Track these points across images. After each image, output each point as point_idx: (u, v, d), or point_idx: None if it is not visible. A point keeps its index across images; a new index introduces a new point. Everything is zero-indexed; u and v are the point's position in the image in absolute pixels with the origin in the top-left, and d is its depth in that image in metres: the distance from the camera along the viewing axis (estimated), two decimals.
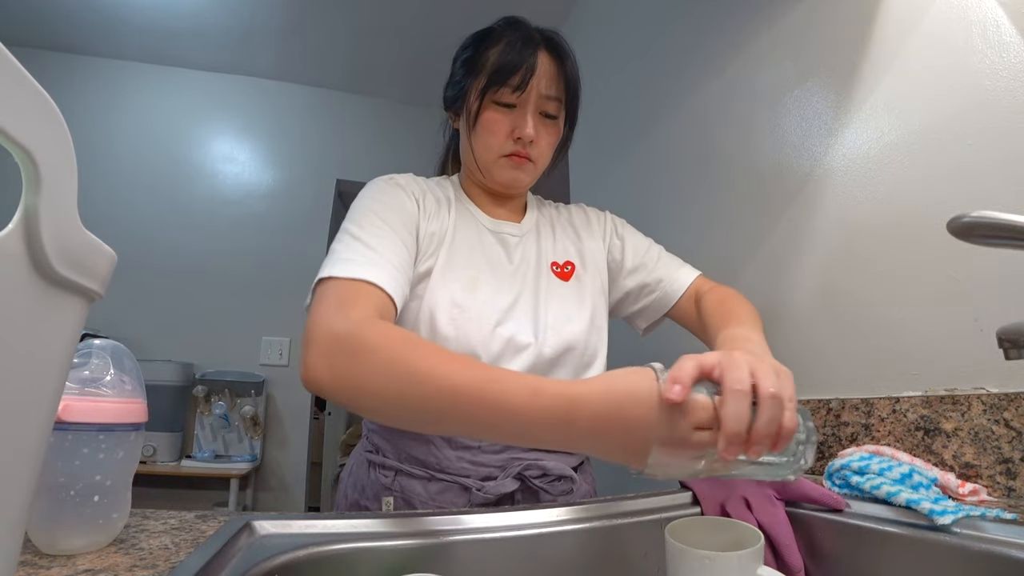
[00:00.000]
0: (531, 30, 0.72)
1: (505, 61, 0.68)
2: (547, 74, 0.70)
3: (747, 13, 1.10)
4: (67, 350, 0.27)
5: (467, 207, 0.78)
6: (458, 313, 0.67)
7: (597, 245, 0.84)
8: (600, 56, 1.76)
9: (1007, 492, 0.59)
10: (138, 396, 0.43)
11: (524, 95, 0.70)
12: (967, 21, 0.69)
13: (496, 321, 0.69)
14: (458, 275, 0.70)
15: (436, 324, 0.66)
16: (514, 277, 0.74)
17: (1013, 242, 0.37)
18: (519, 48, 0.69)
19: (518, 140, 0.71)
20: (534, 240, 0.80)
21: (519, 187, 0.77)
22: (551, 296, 0.74)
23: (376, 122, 2.82)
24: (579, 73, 0.74)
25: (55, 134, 0.23)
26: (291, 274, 2.47)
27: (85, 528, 0.39)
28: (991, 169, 0.66)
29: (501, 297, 0.71)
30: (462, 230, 0.74)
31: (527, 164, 0.73)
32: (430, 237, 0.70)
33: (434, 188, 0.77)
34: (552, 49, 0.72)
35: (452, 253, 0.71)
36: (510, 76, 0.68)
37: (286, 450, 2.41)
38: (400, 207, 0.68)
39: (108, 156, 2.44)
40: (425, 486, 0.66)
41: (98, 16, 2.24)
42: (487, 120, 0.71)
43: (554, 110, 0.73)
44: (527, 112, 0.70)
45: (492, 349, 0.67)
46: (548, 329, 0.71)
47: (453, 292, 0.68)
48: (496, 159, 0.73)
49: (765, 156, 1.03)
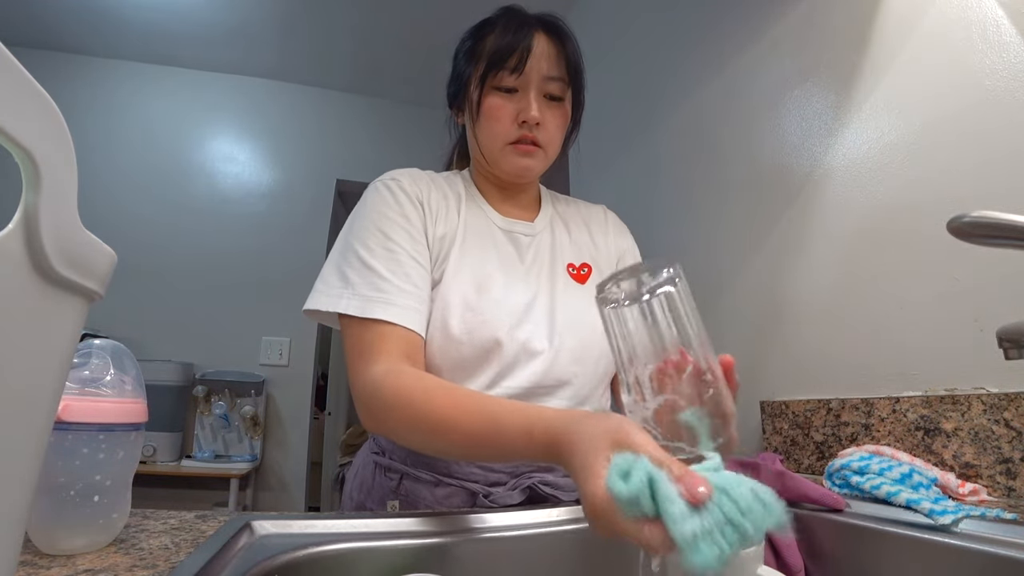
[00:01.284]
0: (527, 15, 0.71)
1: (501, 44, 0.67)
2: (547, 55, 0.68)
3: (747, 12, 1.10)
4: (67, 350, 0.27)
5: (478, 203, 0.76)
6: (471, 316, 0.65)
7: (609, 253, 0.81)
8: (600, 55, 1.76)
9: (1007, 492, 0.59)
10: (138, 396, 0.43)
11: (524, 77, 0.68)
12: (967, 21, 0.69)
13: (510, 324, 0.66)
14: (469, 275, 0.68)
15: (448, 327, 0.64)
16: (527, 277, 0.72)
17: (1013, 242, 0.37)
18: (514, 30, 0.67)
19: (523, 124, 0.68)
20: (548, 240, 0.77)
21: (529, 176, 0.74)
22: (567, 299, 0.72)
23: (376, 122, 2.82)
24: (581, 55, 0.72)
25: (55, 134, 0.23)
26: (291, 274, 2.47)
27: (85, 528, 0.39)
28: (991, 169, 0.66)
29: (514, 298, 0.69)
30: (473, 228, 0.72)
31: (536, 151, 0.71)
32: (440, 240, 0.69)
33: (441, 184, 0.75)
34: (550, 30, 0.70)
35: (463, 253, 0.69)
36: (507, 58, 0.66)
37: (286, 450, 2.41)
38: (406, 219, 0.67)
39: (108, 156, 2.44)
40: (431, 491, 0.65)
41: (98, 16, 2.25)
42: (490, 107, 0.69)
43: (559, 91, 0.70)
44: (530, 95, 0.68)
45: (506, 354, 0.65)
46: (564, 334, 0.68)
47: (465, 293, 0.66)
48: (503, 147, 0.70)
49: (765, 156, 1.03)
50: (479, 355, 0.64)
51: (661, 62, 1.44)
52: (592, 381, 0.70)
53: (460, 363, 0.64)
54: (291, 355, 2.47)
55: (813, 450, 0.84)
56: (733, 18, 1.15)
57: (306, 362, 2.50)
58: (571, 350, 0.68)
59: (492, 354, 0.64)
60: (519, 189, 0.78)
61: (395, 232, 0.65)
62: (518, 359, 0.66)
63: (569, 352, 0.68)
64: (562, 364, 0.67)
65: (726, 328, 1.10)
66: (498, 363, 0.65)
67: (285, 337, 2.47)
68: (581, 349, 0.68)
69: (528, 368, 0.66)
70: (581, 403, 0.69)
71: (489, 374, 0.64)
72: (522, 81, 0.68)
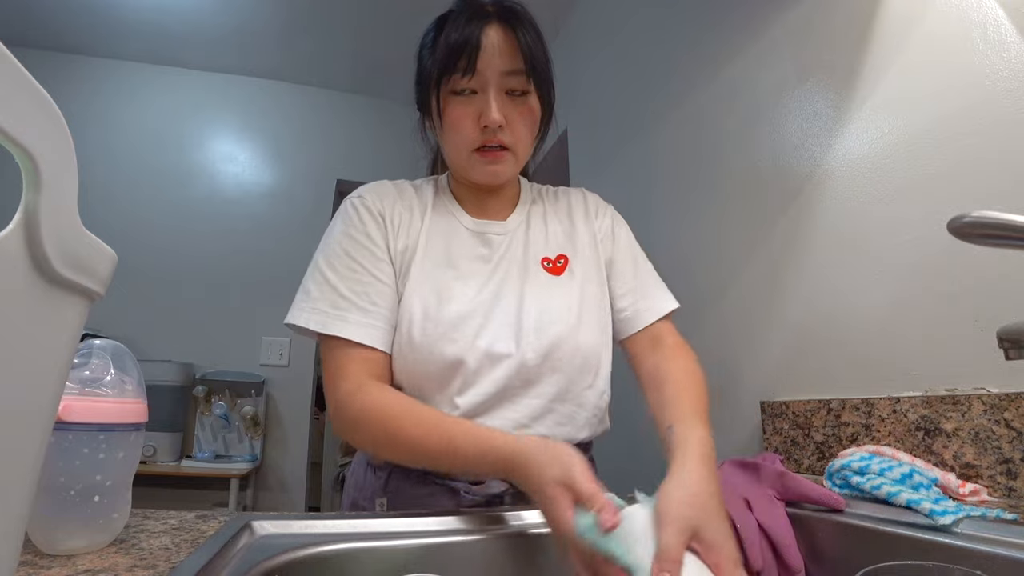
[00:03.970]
0: (482, 5, 0.65)
1: (450, 43, 0.62)
2: (500, 49, 0.63)
3: (747, 12, 1.10)
4: (68, 350, 0.27)
5: (448, 208, 0.74)
6: (431, 327, 0.64)
7: (591, 234, 0.78)
8: (600, 55, 1.76)
9: (1007, 492, 0.59)
10: (138, 396, 0.43)
11: (478, 76, 0.63)
12: (967, 21, 0.69)
13: (472, 332, 0.65)
14: (429, 286, 0.67)
15: (412, 339, 0.64)
16: (493, 280, 0.70)
17: (1013, 242, 0.37)
18: (462, 26, 0.63)
19: (485, 128, 0.64)
20: (522, 237, 0.75)
21: (500, 180, 0.71)
22: (536, 297, 0.69)
23: (376, 122, 2.82)
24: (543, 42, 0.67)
25: (55, 134, 0.23)
26: (291, 274, 2.45)
27: (85, 528, 0.39)
28: (991, 169, 0.66)
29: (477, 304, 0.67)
30: (435, 237, 0.71)
31: (503, 155, 0.67)
32: (401, 254, 0.69)
33: (409, 195, 0.74)
34: (505, 19, 0.64)
35: (424, 264, 0.68)
36: (457, 59, 0.62)
37: (286, 450, 2.41)
38: (368, 238, 0.68)
39: (108, 156, 2.44)
40: (415, 488, 0.65)
41: (98, 16, 2.25)
42: (450, 115, 0.66)
43: (520, 85, 0.65)
44: (489, 95, 0.64)
45: (470, 361, 0.64)
46: (530, 334, 0.66)
47: (426, 305, 0.65)
48: (468, 155, 0.67)
49: (765, 156, 1.03)
50: (443, 365, 0.64)
51: (661, 62, 1.44)
52: (569, 377, 0.68)
53: (426, 374, 0.64)
54: (291, 355, 2.47)
55: (813, 450, 0.84)
56: (733, 18, 1.15)
57: (306, 362, 2.50)
58: (538, 350, 0.66)
59: (455, 364, 0.64)
60: (494, 190, 0.76)
61: (357, 252, 0.67)
62: (482, 366, 0.65)
63: (536, 352, 0.66)
64: (530, 365, 0.66)
65: (726, 328, 1.10)
66: (463, 372, 0.64)
67: (285, 337, 2.47)
68: (551, 347, 0.67)
69: (493, 373, 0.65)
70: (559, 400, 0.67)
71: (456, 383, 0.64)
72: (477, 81, 0.64)
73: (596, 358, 0.70)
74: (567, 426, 0.68)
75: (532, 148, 0.72)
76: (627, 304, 0.75)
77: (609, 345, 0.73)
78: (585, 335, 0.70)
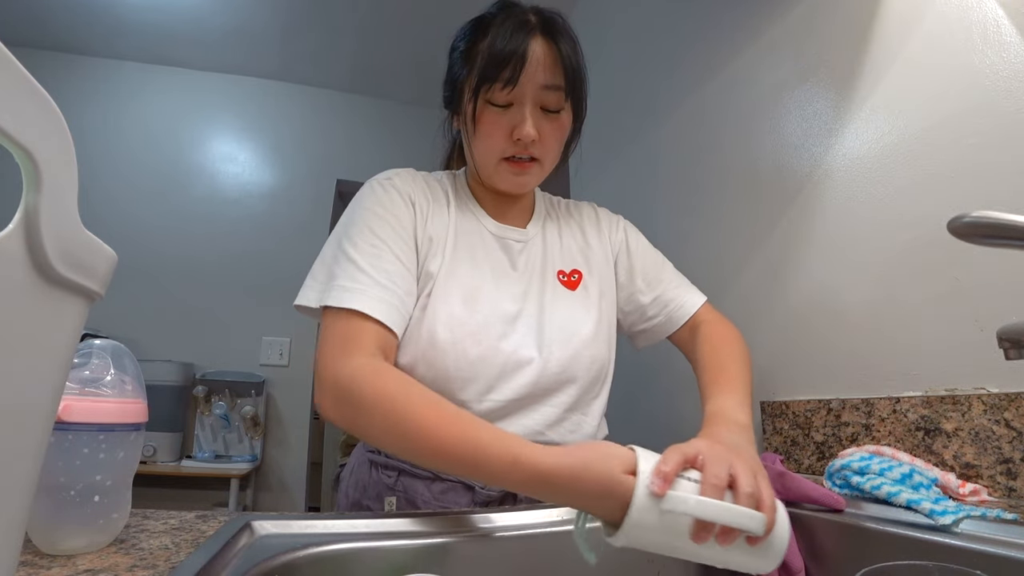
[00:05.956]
0: (525, 14, 0.66)
1: (493, 53, 0.63)
2: (543, 62, 0.64)
3: (747, 12, 1.10)
4: (67, 350, 0.27)
5: (470, 208, 0.75)
6: (458, 327, 0.64)
7: (604, 252, 0.80)
8: (600, 55, 1.76)
9: (1007, 492, 0.59)
10: (138, 396, 0.43)
11: (518, 90, 0.64)
12: (967, 21, 0.69)
13: (498, 335, 0.66)
14: (459, 285, 0.67)
15: (436, 338, 0.63)
16: (517, 287, 0.71)
17: (1013, 242, 0.37)
18: (508, 37, 0.63)
19: (518, 141, 0.66)
20: (540, 246, 0.76)
21: (524, 190, 0.73)
22: (556, 307, 0.71)
23: (377, 122, 2.82)
24: (582, 57, 0.68)
25: (55, 134, 0.23)
26: (292, 274, 2.45)
27: (85, 528, 0.39)
28: (991, 169, 0.66)
29: (503, 309, 0.68)
30: (464, 234, 0.71)
31: (531, 167, 0.69)
32: (429, 241, 0.68)
33: (435, 186, 0.74)
34: (548, 32, 0.65)
35: (455, 260, 0.68)
36: (500, 70, 0.62)
37: (286, 450, 2.41)
38: (396, 219, 0.66)
39: (108, 156, 2.44)
40: (428, 486, 0.65)
41: (98, 16, 2.25)
42: (483, 123, 0.66)
43: (556, 103, 0.66)
44: (525, 109, 0.65)
45: (494, 365, 0.65)
46: (553, 343, 0.68)
47: (452, 305, 0.65)
48: (496, 164, 0.69)
49: (765, 156, 1.03)
50: (467, 367, 0.64)
51: (661, 61, 1.44)
52: (583, 387, 0.70)
53: (446, 374, 0.64)
54: (291, 355, 2.47)
55: (813, 450, 0.84)
56: (733, 18, 1.15)
57: (306, 362, 2.50)
58: (559, 359, 0.67)
59: (479, 366, 0.64)
60: (515, 197, 0.77)
61: (383, 230, 0.64)
62: (506, 370, 0.65)
63: (558, 361, 0.67)
64: (551, 373, 0.67)
65: None
66: (486, 375, 0.65)
67: (285, 337, 2.47)
68: (570, 358, 0.68)
69: (517, 379, 0.66)
70: (572, 409, 0.69)
71: (478, 385, 0.65)
72: (516, 94, 0.65)
73: (606, 371, 0.73)
74: (575, 434, 0.69)
75: (558, 160, 0.74)
76: (670, 298, 0.79)
77: (614, 360, 0.76)
78: (600, 348, 0.72)
